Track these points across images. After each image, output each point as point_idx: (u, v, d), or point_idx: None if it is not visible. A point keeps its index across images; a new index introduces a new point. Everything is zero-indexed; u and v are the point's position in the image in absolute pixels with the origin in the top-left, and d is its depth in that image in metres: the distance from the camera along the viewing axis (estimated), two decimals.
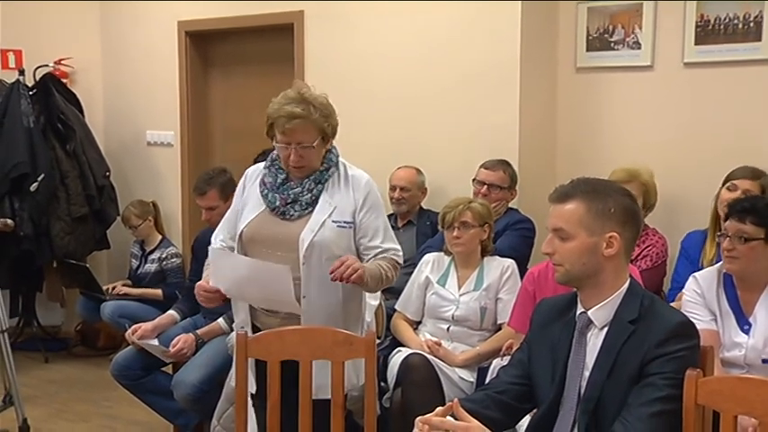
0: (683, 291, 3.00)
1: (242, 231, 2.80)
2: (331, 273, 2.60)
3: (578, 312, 2.11)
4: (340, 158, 2.86)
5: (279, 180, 2.79)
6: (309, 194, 2.75)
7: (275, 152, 2.83)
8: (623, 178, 3.61)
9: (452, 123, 4.48)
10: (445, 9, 4.44)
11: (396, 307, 3.77)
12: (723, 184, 3.52)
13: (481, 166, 4.14)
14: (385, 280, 2.78)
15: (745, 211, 2.79)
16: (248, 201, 2.84)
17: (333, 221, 2.74)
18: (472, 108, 4.40)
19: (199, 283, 2.80)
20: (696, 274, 3.00)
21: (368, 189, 2.81)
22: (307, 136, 2.69)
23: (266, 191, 2.79)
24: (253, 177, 2.89)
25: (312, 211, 2.74)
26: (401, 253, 2.88)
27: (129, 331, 3.85)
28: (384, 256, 2.80)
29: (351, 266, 2.60)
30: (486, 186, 4.06)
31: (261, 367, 2.59)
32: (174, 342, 3.74)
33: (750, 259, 2.77)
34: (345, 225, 2.76)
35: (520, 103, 4.27)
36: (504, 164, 4.14)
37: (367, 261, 2.78)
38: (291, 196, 2.75)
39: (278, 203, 2.76)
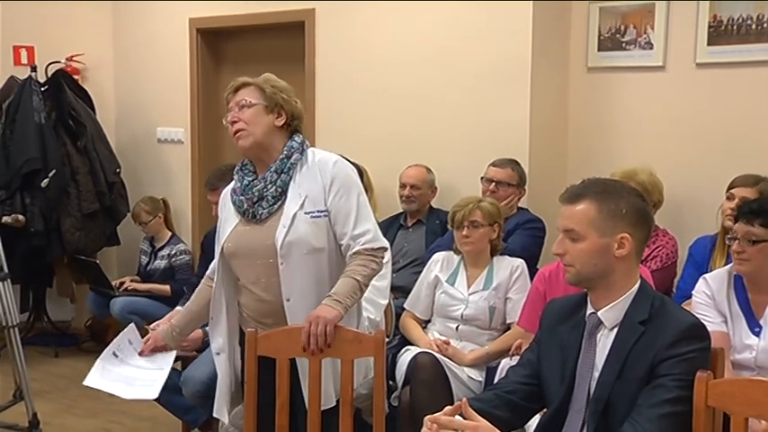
0: (693, 292, 2.98)
1: (222, 247, 2.69)
2: (305, 348, 2.44)
3: (588, 313, 2.10)
4: (307, 146, 2.71)
5: (245, 182, 2.66)
6: (274, 187, 2.60)
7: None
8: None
9: (463, 122, 4.48)
10: (457, 8, 4.43)
11: (405, 306, 3.78)
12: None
13: (490, 165, 4.14)
14: (363, 287, 2.60)
15: (754, 213, 2.78)
16: (226, 218, 2.73)
17: (305, 213, 2.58)
18: (483, 107, 4.39)
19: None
20: (706, 275, 2.98)
21: (336, 170, 2.63)
22: (248, 96, 2.64)
23: (235, 197, 2.68)
24: (228, 195, 2.77)
25: (282, 205, 2.60)
26: (375, 236, 2.63)
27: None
28: (357, 251, 2.58)
29: (319, 334, 2.41)
30: (494, 183, 4.07)
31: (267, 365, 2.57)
32: None
33: (760, 261, 2.76)
34: (319, 215, 2.60)
35: (531, 102, 4.26)
36: (513, 162, 4.14)
37: (345, 252, 2.61)
38: (256, 194, 2.62)
39: (245, 206, 2.64)
